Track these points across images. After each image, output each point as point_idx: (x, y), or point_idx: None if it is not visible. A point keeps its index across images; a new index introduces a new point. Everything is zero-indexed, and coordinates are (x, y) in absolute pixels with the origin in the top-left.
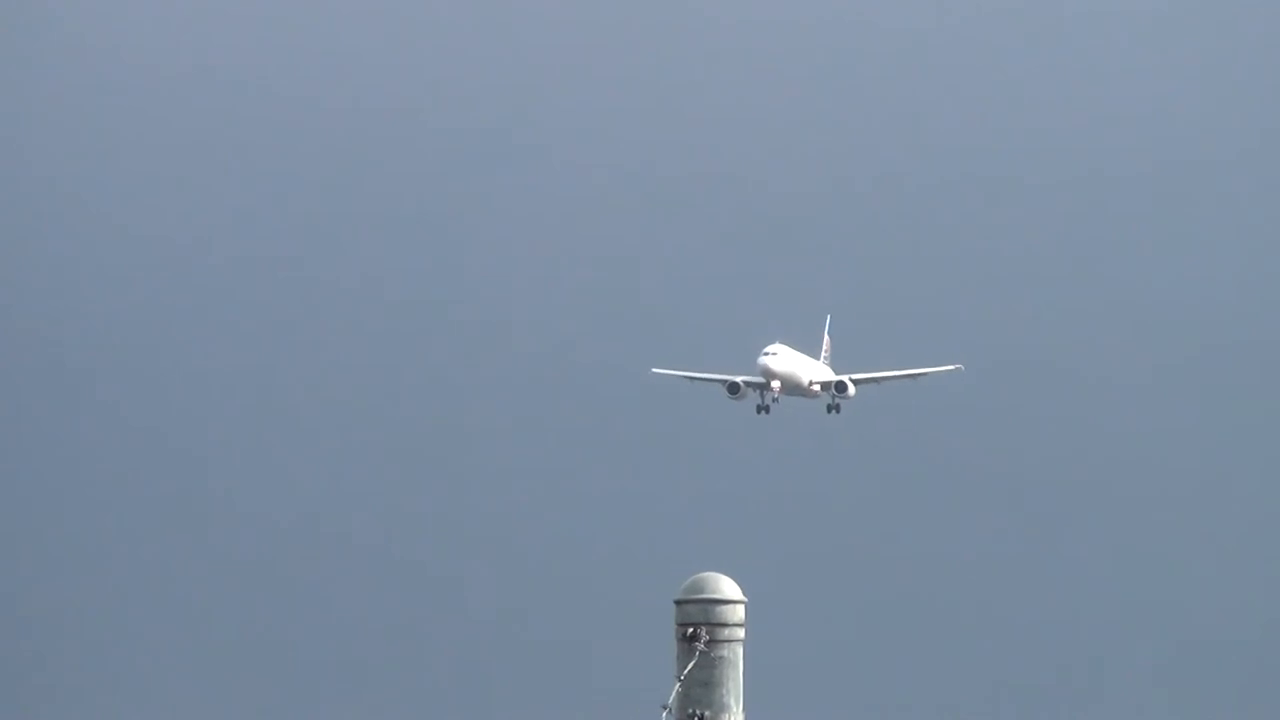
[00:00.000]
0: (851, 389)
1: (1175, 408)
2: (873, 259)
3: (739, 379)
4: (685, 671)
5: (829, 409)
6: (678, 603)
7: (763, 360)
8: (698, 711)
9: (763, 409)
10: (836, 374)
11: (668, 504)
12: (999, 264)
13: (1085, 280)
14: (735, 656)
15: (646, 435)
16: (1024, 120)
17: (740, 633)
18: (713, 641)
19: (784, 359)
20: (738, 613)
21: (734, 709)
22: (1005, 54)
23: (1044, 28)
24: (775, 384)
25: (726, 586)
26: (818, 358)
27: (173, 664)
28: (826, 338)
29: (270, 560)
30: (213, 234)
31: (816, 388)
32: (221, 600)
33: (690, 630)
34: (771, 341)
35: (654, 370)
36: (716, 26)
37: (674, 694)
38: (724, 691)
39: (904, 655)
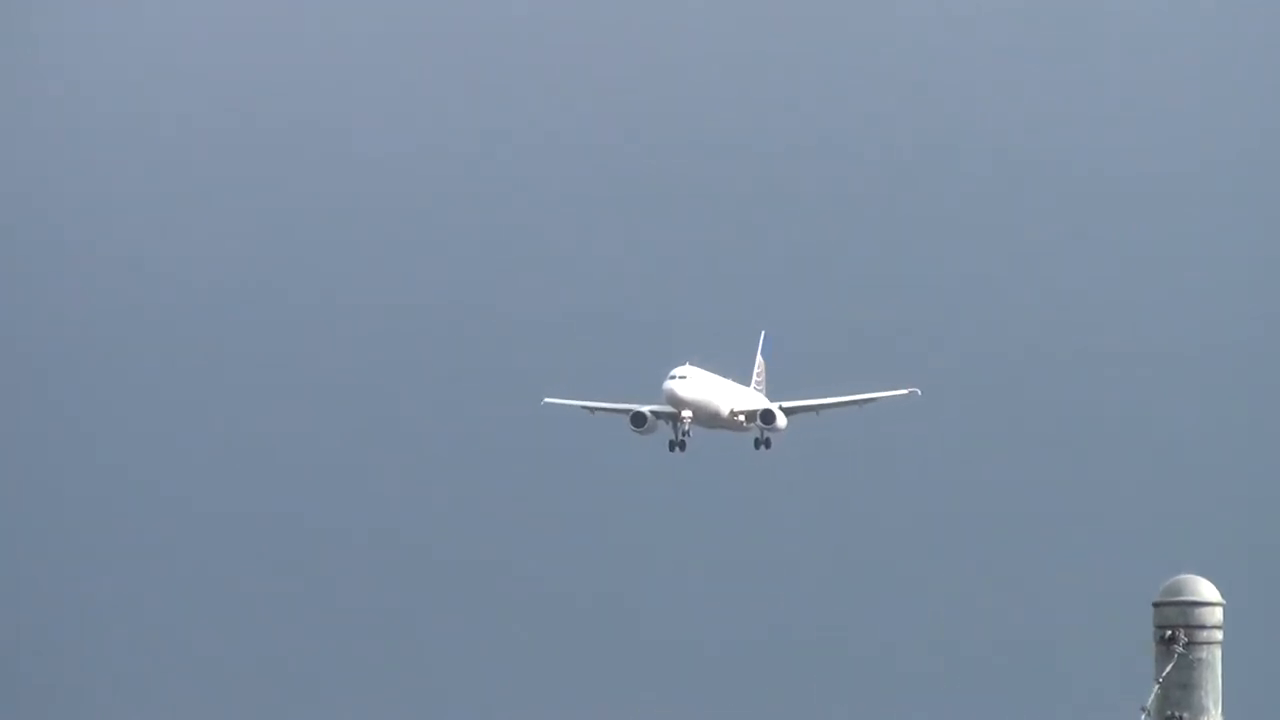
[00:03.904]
0: (781, 419)
1: (1168, 417)
2: (823, 268)
3: (646, 408)
4: (1164, 674)
5: (757, 444)
6: (1156, 605)
7: (669, 385)
8: (1177, 714)
9: (676, 445)
10: (771, 402)
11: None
12: (963, 276)
13: (1065, 290)
14: (1213, 659)
15: (540, 472)
16: (991, 122)
17: (1218, 635)
18: (1191, 644)
19: (695, 383)
20: (1215, 615)
21: (1212, 711)
22: (976, 60)
23: (1034, 30)
24: (686, 414)
25: (1205, 589)
26: (748, 383)
27: (173, 665)
28: (760, 359)
29: (283, 562)
30: (206, 244)
31: (740, 418)
32: (226, 603)
33: (1169, 633)
34: (682, 362)
35: (546, 400)
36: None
37: (1152, 696)
38: (1203, 694)
39: None
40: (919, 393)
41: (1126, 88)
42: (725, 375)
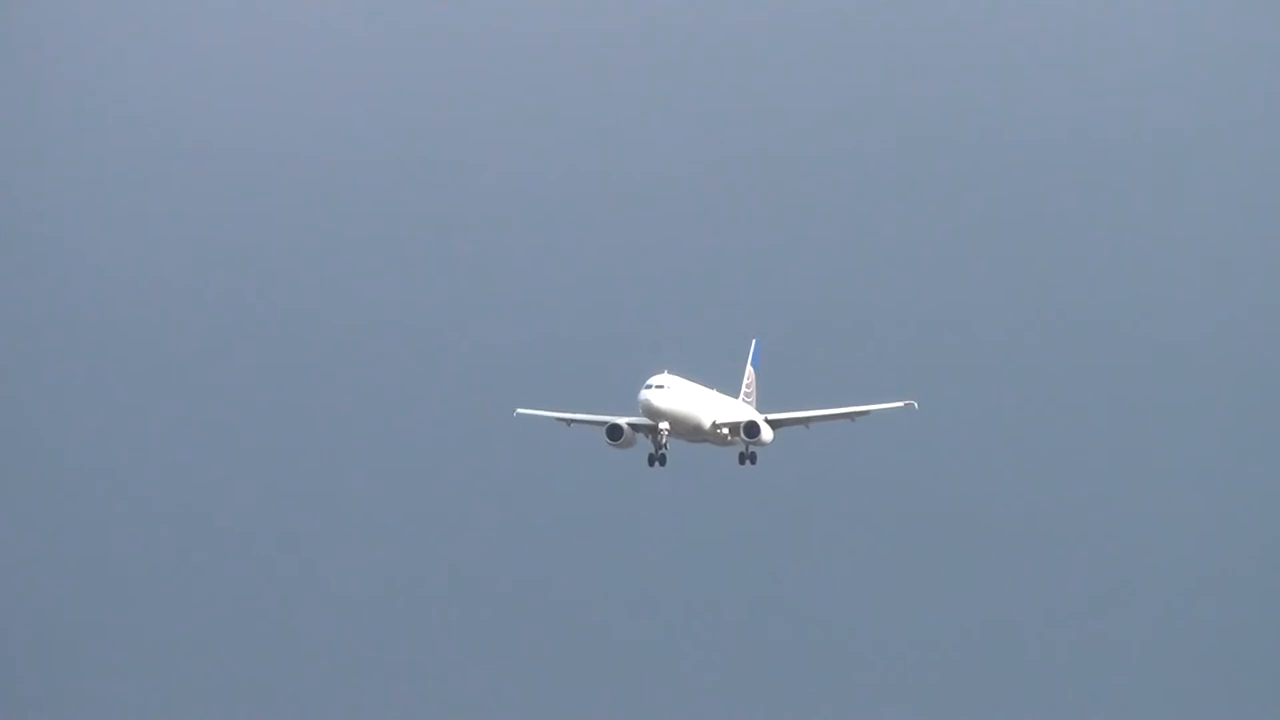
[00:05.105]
0: (766, 433)
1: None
2: (819, 270)
3: (622, 420)
4: None
5: (742, 459)
6: None
7: (645, 395)
8: None
9: (656, 459)
10: (757, 413)
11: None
12: (960, 278)
13: (1065, 290)
14: None
15: (513, 486)
16: (991, 121)
17: None
18: None
19: (674, 393)
20: None
21: None
22: (978, 60)
23: (1034, 30)
24: (663, 426)
25: None
26: (737, 394)
27: (173, 665)
28: (750, 368)
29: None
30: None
31: (724, 431)
32: (224, 604)
33: None
34: (661, 370)
35: (519, 411)
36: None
37: None
38: None
39: None
40: (915, 405)
41: (1126, 87)
42: (712, 386)
